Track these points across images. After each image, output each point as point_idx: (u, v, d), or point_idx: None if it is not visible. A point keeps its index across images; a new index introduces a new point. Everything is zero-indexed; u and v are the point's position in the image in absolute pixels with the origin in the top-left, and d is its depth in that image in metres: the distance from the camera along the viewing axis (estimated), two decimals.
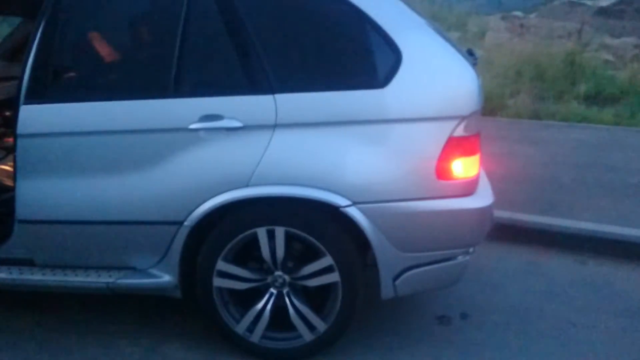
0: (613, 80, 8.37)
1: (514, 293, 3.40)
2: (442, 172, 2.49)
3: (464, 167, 2.52)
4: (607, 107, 7.55)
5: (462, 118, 2.48)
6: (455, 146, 2.48)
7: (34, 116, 2.62)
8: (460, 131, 2.48)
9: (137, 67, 2.72)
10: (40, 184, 2.66)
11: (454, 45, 2.63)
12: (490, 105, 7.20)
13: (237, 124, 2.49)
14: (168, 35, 2.57)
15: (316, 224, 2.54)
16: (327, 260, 2.56)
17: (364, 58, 2.54)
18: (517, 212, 4.15)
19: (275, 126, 2.49)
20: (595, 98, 7.93)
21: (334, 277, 2.58)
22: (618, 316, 3.16)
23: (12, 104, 3.25)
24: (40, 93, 2.63)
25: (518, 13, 14.04)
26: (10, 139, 3.58)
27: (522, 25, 12.15)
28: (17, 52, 4.17)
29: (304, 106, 2.49)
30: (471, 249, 2.70)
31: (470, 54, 2.91)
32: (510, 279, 3.55)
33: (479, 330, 3.01)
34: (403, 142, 2.48)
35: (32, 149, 2.65)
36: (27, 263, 2.81)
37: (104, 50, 2.74)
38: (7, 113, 3.78)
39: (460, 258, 2.66)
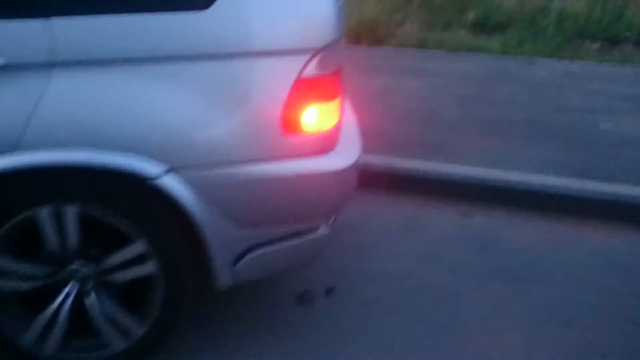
0: (500, 8, 8.07)
1: (389, 257, 2.91)
2: (289, 125, 1.87)
3: (318, 117, 1.91)
4: (495, 36, 7.23)
5: (315, 52, 1.85)
6: (306, 89, 1.86)
7: None
8: (312, 69, 1.85)
9: None
10: None
11: None
12: (376, 34, 6.72)
13: None
14: None
15: (120, 198, 1.86)
16: (139, 247, 1.91)
17: None
18: (396, 157, 3.63)
19: (53, 65, 1.73)
20: (483, 26, 7.60)
21: (148, 267, 1.94)
22: (505, 279, 2.77)
23: None
24: None
25: None
26: None
27: None
28: None
29: (93, 35, 1.74)
30: (331, 220, 2.15)
31: None
32: (386, 239, 3.06)
33: (346, 310, 2.51)
34: (235, 85, 1.82)
35: None
36: None
37: None
38: None
39: (316, 232, 2.10)
